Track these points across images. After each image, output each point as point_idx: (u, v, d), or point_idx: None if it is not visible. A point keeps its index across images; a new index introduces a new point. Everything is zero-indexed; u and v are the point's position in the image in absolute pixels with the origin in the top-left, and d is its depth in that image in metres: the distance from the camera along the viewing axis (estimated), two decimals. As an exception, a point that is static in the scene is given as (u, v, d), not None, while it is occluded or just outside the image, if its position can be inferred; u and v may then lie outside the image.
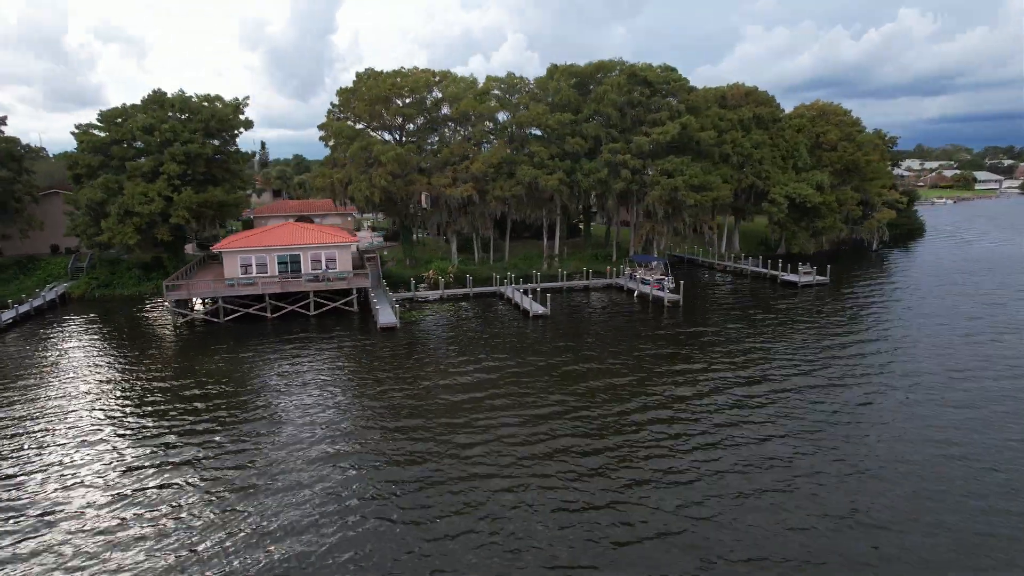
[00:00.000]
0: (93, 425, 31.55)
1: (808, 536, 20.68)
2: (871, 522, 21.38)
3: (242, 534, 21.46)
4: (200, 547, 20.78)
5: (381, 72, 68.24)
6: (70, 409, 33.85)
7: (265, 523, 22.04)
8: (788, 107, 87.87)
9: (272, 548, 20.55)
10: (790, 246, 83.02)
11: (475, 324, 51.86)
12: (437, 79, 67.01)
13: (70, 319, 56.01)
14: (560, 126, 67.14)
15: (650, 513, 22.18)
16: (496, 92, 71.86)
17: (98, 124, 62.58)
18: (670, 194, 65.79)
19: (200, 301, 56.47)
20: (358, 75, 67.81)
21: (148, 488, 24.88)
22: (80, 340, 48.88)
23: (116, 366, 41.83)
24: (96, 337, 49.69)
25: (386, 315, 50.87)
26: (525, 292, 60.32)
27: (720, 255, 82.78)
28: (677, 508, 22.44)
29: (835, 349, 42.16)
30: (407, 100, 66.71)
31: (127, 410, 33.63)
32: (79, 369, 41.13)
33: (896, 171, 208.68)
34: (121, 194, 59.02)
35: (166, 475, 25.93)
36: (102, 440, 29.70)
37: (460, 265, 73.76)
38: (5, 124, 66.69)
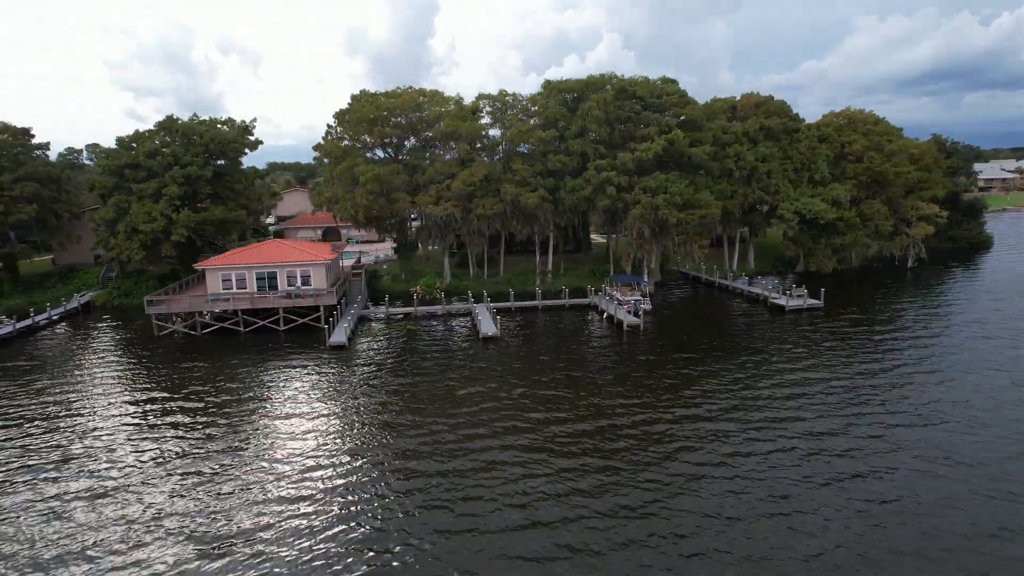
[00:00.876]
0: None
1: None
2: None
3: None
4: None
5: (375, 93, 70.71)
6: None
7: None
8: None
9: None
10: (808, 263, 78.30)
11: (423, 344, 52.88)
12: (424, 99, 68.60)
13: (87, 325, 62.18)
14: (542, 144, 67.02)
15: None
16: (489, 110, 72.71)
17: (115, 149, 68.99)
18: (652, 213, 64.05)
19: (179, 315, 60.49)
20: (352, 97, 70.60)
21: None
22: (76, 345, 54.33)
23: (85, 368, 46.30)
24: (90, 343, 55.01)
25: (337, 334, 52.97)
26: (495, 312, 60.83)
27: (731, 273, 79.57)
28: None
29: (762, 402, 39.85)
30: (398, 120, 68.82)
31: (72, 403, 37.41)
32: (54, 369, 45.92)
33: (982, 175, 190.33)
34: (129, 213, 64.77)
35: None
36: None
37: (454, 280, 75.15)
38: (31, 136, 74.40)
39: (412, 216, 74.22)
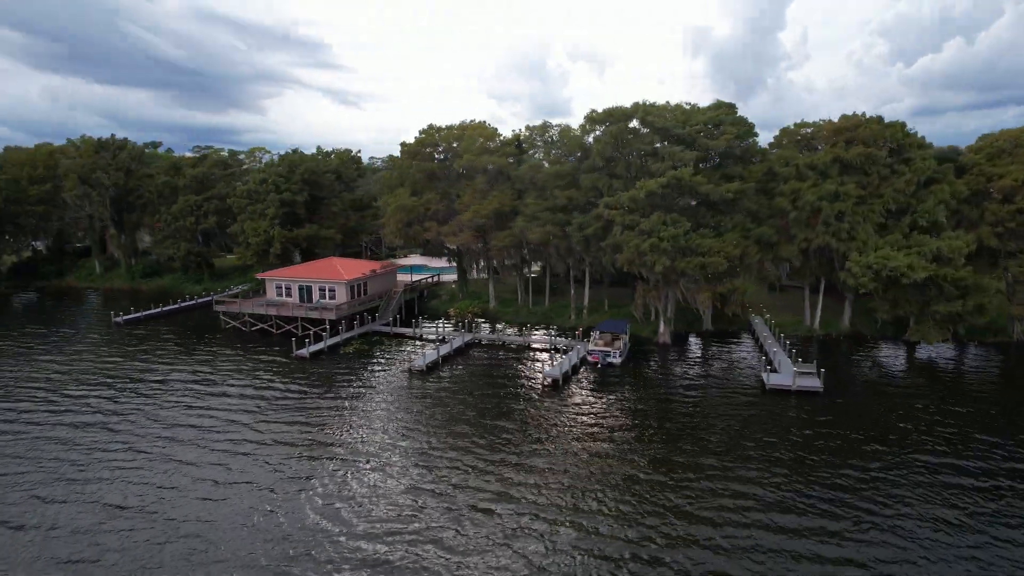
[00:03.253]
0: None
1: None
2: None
3: None
4: None
5: (437, 127, 76.70)
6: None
7: None
8: None
9: None
10: (913, 331, 60.43)
11: (371, 366, 57.96)
12: (460, 133, 72.31)
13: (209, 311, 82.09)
14: (551, 178, 65.33)
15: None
16: (540, 143, 72.97)
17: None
18: (637, 257, 57.96)
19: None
20: (420, 130, 77.71)
21: None
22: (186, 335, 72.99)
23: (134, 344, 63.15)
24: (178, 327, 73.13)
25: (308, 348, 61.22)
26: (464, 343, 62.70)
27: (814, 330, 66.21)
28: None
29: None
30: (438, 153, 74.12)
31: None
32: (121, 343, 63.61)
33: None
34: (243, 229, 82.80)
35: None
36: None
37: (500, 307, 77.51)
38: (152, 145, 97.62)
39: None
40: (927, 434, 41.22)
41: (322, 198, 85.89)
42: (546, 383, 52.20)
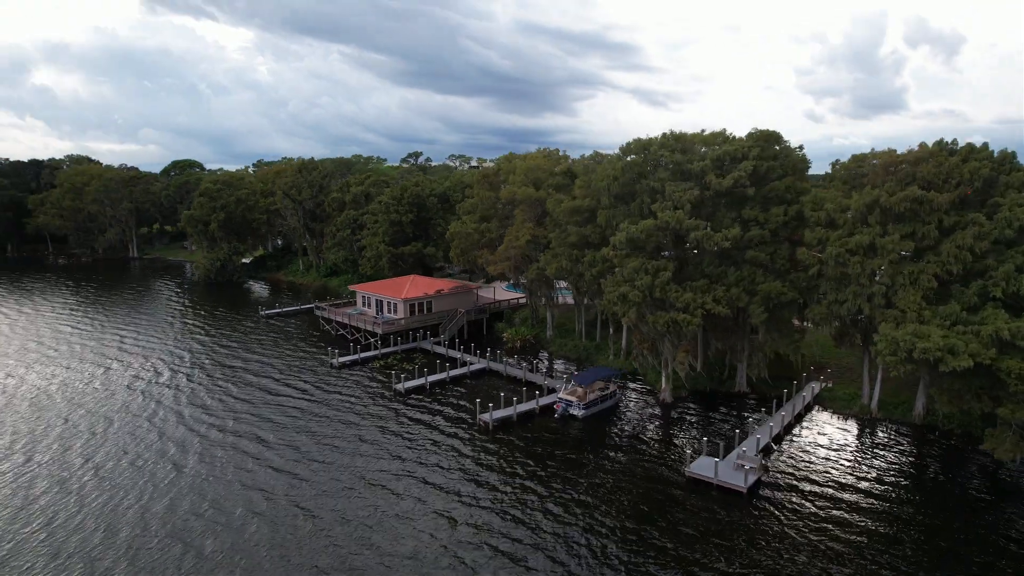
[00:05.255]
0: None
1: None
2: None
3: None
4: None
5: (511, 155, 78.96)
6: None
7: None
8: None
9: None
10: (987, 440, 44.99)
11: (376, 377, 64.01)
12: (511, 162, 73.31)
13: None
14: (565, 214, 62.95)
15: None
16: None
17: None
18: (609, 306, 53.47)
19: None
20: (495, 160, 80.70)
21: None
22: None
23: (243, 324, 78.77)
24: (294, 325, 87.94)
25: (340, 358, 69.49)
26: (475, 371, 64.81)
27: (865, 408, 53.77)
28: None
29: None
30: (497, 182, 76.29)
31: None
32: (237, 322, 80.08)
33: None
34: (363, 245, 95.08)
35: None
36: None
37: (556, 337, 76.87)
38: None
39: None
40: None
41: (429, 218, 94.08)
42: (479, 423, 52.27)
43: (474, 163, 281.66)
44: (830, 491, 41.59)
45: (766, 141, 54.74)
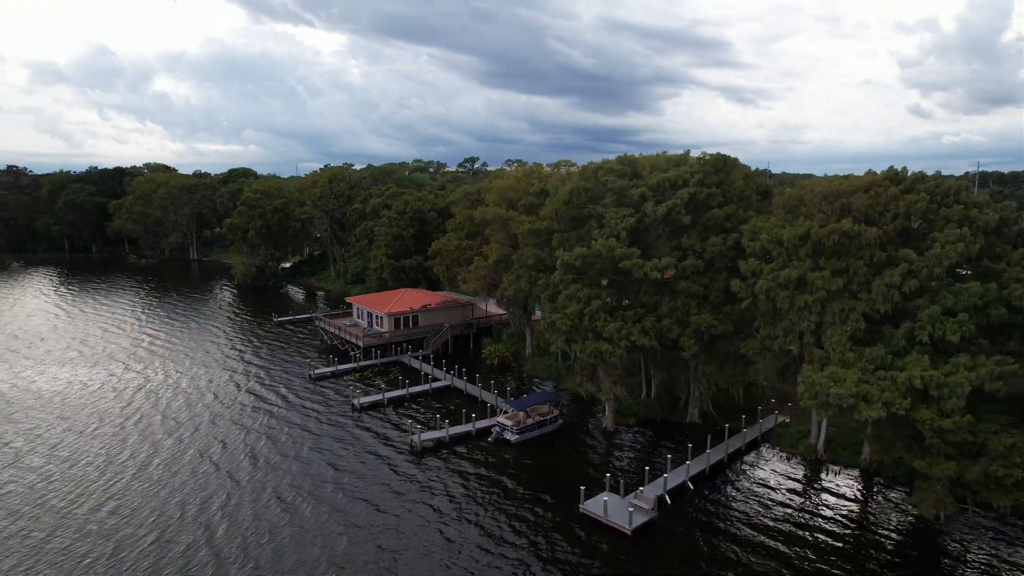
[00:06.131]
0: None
1: None
2: None
3: None
4: None
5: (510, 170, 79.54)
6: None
7: None
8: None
9: None
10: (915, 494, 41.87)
11: (339, 391, 66.40)
12: (492, 181, 73.81)
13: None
14: (526, 236, 62.90)
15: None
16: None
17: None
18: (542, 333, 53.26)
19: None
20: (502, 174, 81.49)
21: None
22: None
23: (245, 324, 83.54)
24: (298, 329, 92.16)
25: (321, 368, 72.45)
26: (438, 389, 65.96)
27: (811, 448, 51.17)
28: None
29: None
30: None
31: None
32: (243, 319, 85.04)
33: None
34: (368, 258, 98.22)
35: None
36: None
37: (535, 355, 76.84)
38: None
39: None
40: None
41: (430, 233, 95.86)
42: (411, 445, 53.39)
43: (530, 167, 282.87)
44: (732, 537, 40.06)
45: (714, 166, 52.97)
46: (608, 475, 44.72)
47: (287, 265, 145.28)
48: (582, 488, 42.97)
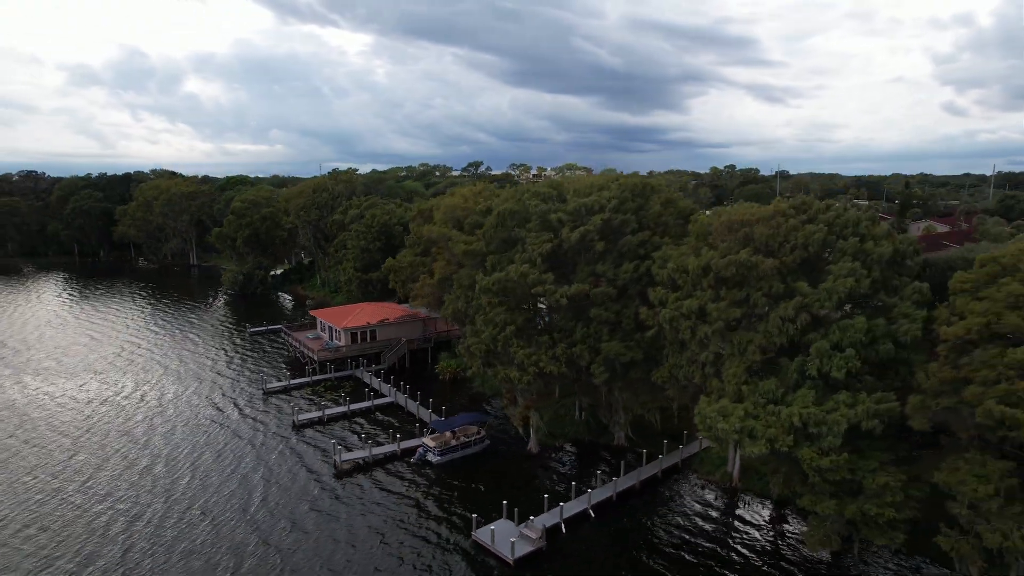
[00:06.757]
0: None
1: None
2: None
3: None
4: None
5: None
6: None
7: None
8: None
9: None
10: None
11: (288, 405, 67.68)
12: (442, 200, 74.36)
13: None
14: (462, 257, 63.32)
15: None
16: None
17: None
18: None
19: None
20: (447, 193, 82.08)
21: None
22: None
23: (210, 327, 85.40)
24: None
25: (272, 383, 73.86)
26: (373, 407, 66.82)
27: (727, 476, 50.94)
28: None
29: None
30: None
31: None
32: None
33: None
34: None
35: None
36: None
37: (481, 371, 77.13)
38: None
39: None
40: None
41: (396, 246, 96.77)
42: (335, 464, 54.31)
43: (533, 172, 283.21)
44: (627, 567, 40.20)
45: (633, 192, 52.96)
46: (505, 502, 45.09)
47: (277, 272, 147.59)
48: (473, 516, 43.44)
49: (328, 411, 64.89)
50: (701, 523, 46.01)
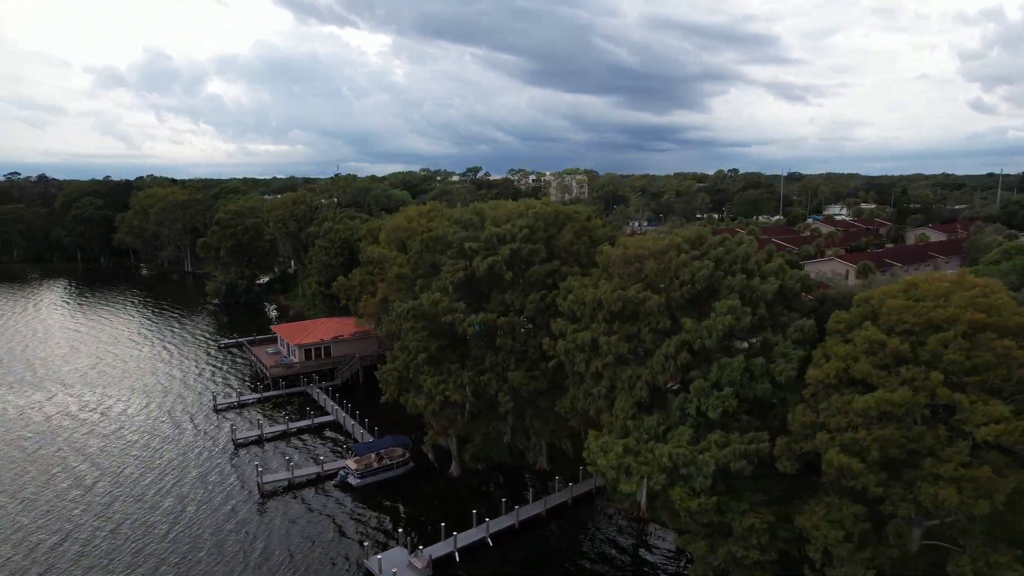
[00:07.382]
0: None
1: None
2: None
3: None
4: None
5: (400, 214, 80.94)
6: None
7: None
8: None
9: None
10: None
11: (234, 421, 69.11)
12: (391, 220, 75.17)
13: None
14: (394, 280, 64.12)
15: None
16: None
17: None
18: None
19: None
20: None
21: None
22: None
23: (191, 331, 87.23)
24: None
25: (225, 399, 75.34)
26: (318, 424, 67.91)
27: (637, 507, 51.04)
28: None
29: None
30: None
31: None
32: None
33: None
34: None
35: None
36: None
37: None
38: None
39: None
40: None
41: (358, 262, 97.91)
42: (257, 487, 55.40)
43: (533, 177, 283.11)
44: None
45: (547, 221, 53.29)
46: (400, 530, 45.79)
47: (263, 281, 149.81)
48: (365, 544, 44.22)
49: (267, 430, 66.10)
50: (606, 551, 46.29)
